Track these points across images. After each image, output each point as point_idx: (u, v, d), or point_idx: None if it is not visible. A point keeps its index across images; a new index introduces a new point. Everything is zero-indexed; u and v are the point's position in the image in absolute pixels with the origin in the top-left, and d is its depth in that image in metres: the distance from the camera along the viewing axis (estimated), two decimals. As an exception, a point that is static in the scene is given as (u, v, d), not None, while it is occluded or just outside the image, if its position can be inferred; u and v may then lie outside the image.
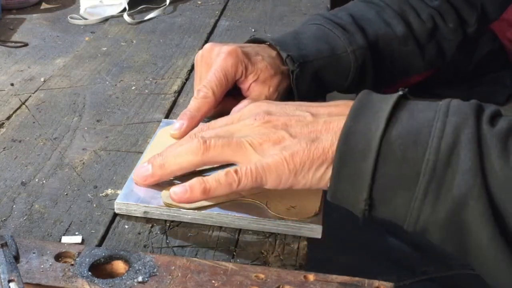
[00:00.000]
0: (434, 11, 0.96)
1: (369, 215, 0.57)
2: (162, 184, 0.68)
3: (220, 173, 0.61)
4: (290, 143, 0.60)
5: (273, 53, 0.85)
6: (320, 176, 0.59)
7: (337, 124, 0.59)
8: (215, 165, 0.67)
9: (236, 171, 0.60)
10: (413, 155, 0.54)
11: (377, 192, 0.56)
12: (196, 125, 0.78)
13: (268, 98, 0.82)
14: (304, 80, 0.85)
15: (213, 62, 0.81)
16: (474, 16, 0.98)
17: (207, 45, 0.84)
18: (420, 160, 0.54)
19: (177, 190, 0.63)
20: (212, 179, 0.62)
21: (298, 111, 0.63)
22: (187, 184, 0.63)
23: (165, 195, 0.67)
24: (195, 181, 0.62)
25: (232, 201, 0.67)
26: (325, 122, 0.60)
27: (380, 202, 0.56)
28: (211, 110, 0.79)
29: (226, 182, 0.61)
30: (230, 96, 0.83)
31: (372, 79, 0.92)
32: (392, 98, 0.58)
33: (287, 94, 0.85)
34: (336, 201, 0.59)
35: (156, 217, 0.66)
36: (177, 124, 0.77)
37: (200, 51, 0.85)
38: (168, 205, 0.65)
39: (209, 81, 0.79)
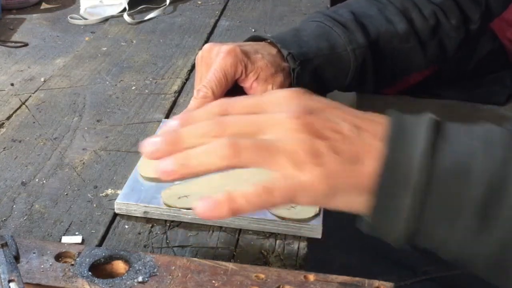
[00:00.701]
0: (437, 8, 0.95)
1: (407, 243, 0.55)
2: (163, 185, 0.68)
3: (250, 191, 0.55)
4: (330, 160, 0.55)
5: (273, 50, 0.85)
6: (356, 202, 0.56)
7: (379, 149, 0.55)
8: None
9: (268, 190, 0.54)
10: (458, 188, 0.53)
11: (419, 225, 0.54)
12: None
13: None
14: (304, 79, 0.84)
15: (212, 62, 0.81)
16: (478, 13, 0.98)
17: (207, 45, 0.84)
18: (466, 193, 0.52)
19: (201, 206, 0.55)
20: (241, 198, 0.55)
21: (339, 119, 0.57)
22: (212, 200, 0.55)
23: (165, 195, 0.67)
24: (222, 198, 0.55)
25: None
26: (367, 143, 0.56)
27: (421, 234, 0.54)
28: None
29: (257, 203, 0.54)
30: (230, 97, 0.83)
31: (373, 78, 0.92)
32: (425, 123, 0.56)
33: None
34: (370, 230, 0.56)
35: (156, 217, 0.66)
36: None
37: (200, 52, 0.84)
38: (168, 205, 0.65)
39: (208, 80, 0.79)
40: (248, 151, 0.54)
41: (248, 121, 0.57)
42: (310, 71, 0.85)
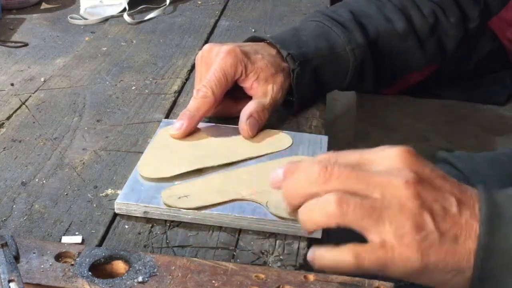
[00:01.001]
0: (435, 6, 0.95)
1: None
2: (163, 185, 0.68)
3: (346, 252, 0.54)
4: (431, 237, 0.54)
5: (273, 51, 0.85)
6: (448, 280, 0.55)
7: (475, 229, 0.55)
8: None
9: (359, 254, 0.54)
10: None
11: None
12: (196, 125, 0.78)
13: (273, 97, 0.81)
14: (304, 79, 0.84)
15: (212, 62, 0.81)
16: (477, 11, 0.97)
17: (207, 46, 0.84)
18: None
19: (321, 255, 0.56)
20: (335, 259, 0.55)
21: (444, 191, 0.56)
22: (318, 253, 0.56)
23: (165, 195, 0.67)
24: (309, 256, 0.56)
25: (232, 201, 0.67)
26: (467, 221, 0.55)
27: None
28: (210, 109, 0.79)
29: (345, 268, 0.54)
30: (230, 97, 0.83)
31: (372, 77, 0.92)
32: None
33: (287, 93, 0.85)
34: None
35: (156, 217, 0.66)
36: (177, 124, 0.77)
37: (200, 52, 0.84)
38: (168, 205, 0.65)
39: (208, 80, 0.79)
40: (355, 212, 0.54)
41: (356, 176, 0.56)
42: (309, 71, 0.85)
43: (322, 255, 0.56)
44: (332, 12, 0.93)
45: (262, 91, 0.81)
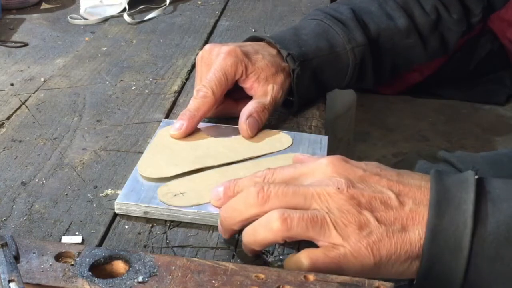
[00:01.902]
0: (438, 2, 0.94)
1: None
2: (162, 185, 0.68)
3: (302, 258, 0.56)
4: (376, 231, 0.56)
5: (273, 51, 0.85)
6: (404, 270, 0.57)
7: (423, 215, 0.56)
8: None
9: (313, 259, 0.55)
10: (507, 251, 0.53)
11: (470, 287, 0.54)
12: (196, 125, 0.78)
13: (274, 96, 0.81)
14: (304, 79, 0.84)
15: (212, 62, 0.81)
16: (480, 6, 0.97)
17: (207, 46, 0.84)
18: None
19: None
20: (294, 266, 0.57)
21: (380, 187, 0.58)
22: None
23: (161, 192, 0.67)
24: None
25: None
26: (410, 210, 0.57)
27: None
28: (210, 109, 0.79)
29: (308, 269, 0.56)
30: (230, 98, 0.83)
31: (372, 75, 0.92)
32: (469, 184, 0.56)
33: (288, 92, 0.85)
34: None
35: (156, 217, 0.66)
36: (177, 124, 0.77)
37: (200, 52, 0.84)
38: (164, 203, 0.65)
39: (208, 80, 0.79)
40: (299, 224, 0.56)
41: (292, 192, 0.58)
42: (309, 71, 0.85)
43: (286, 263, 0.58)
44: (333, 10, 0.92)
45: (262, 91, 0.81)
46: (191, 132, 0.79)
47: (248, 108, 0.79)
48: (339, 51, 0.87)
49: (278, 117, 0.86)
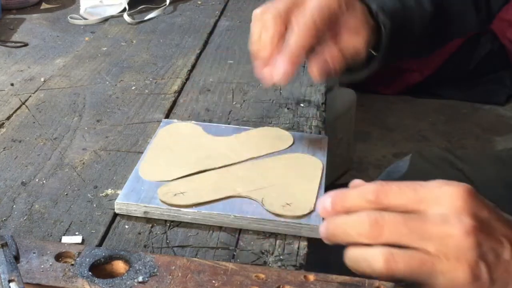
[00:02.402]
0: None
1: None
2: (161, 183, 0.68)
3: None
4: (484, 286, 0.52)
5: (363, 7, 0.77)
6: None
7: None
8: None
9: None
10: None
11: None
12: (299, 64, 0.71)
13: (358, 49, 0.74)
14: (393, 37, 0.77)
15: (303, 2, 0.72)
16: None
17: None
18: None
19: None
20: None
21: (500, 237, 0.54)
22: None
23: (162, 192, 0.67)
24: None
25: (229, 197, 0.67)
26: None
27: None
28: (312, 47, 0.71)
29: None
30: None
31: (429, 43, 0.88)
32: None
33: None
34: None
35: (156, 217, 0.66)
36: (281, 66, 0.69)
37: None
38: (164, 202, 0.65)
39: (312, 13, 0.69)
40: (404, 269, 0.52)
41: (409, 228, 0.53)
42: (393, 29, 0.77)
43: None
44: None
45: (348, 40, 0.74)
46: (191, 133, 0.79)
47: (326, 52, 0.72)
48: (409, 14, 0.82)
49: (278, 117, 0.86)
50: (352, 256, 0.54)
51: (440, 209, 0.54)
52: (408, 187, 0.55)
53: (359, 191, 0.56)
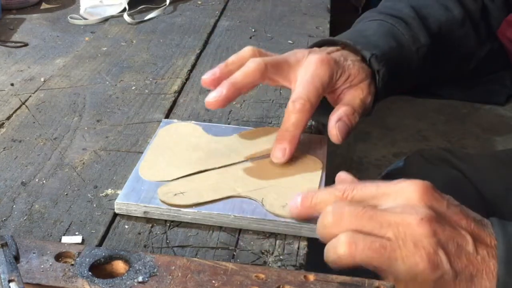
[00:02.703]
0: None
1: None
2: (161, 183, 0.68)
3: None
4: (446, 276, 0.54)
5: (355, 56, 0.79)
6: None
7: (493, 269, 0.54)
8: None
9: None
10: None
11: None
12: (297, 145, 0.73)
13: (364, 100, 0.76)
14: (389, 81, 0.79)
15: (300, 69, 0.74)
16: None
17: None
18: None
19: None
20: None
21: (462, 230, 0.56)
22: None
23: (162, 192, 0.67)
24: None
25: (229, 197, 0.67)
26: (483, 260, 0.55)
27: None
28: (308, 122, 0.73)
29: None
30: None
31: (430, 75, 0.89)
32: None
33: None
34: None
35: (156, 217, 0.66)
36: (279, 149, 0.72)
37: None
38: (164, 202, 0.65)
39: (306, 91, 0.71)
40: (364, 253, 0.54)
41: (368, 216, 0.56)
42: (388, 72, 0.79)
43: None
44: (390, 8, 0.88)
45: (351, 95, 0.76)
46: (192, 133, 0.79)
47: (338, 112, 0.74)
48: (406, 51, 0.83)
49: (278, 117, 0.86)
50: (325, 249, 0.57)
51: (397, 201, 0.57)
52: (371, 184, 0.59)
53: (329, 189, 0.61)
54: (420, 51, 0.85)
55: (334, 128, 0.73)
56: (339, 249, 0.55)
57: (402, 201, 0.57)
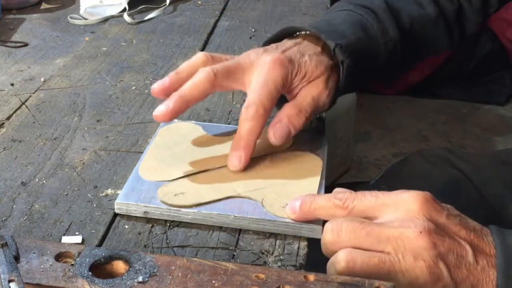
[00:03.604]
0: None
1: None
2: (161, 183, 0.68)
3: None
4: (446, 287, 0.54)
5: (317, 47, 0.77)
6: None
7: (493, 279, 0.55)
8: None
9: None
10: None
11: None
12: (253, 151, 0.71)
13: (316, 97, 0.74)
14: (350, 72, 0.77)
15: (254, 72, 0.73)
16: None
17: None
18: None
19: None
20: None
21: (461, 240, 0.56)
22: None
23: (162, 192, 0.67)
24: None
25: (229, 197, 0.67)
26: (483, 269, 0.55)
27: None
28: (262, 128, 0.71)
29: None
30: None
31: (397, 69, 0.88)
32: None
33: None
34: None
35: (156, 217, 0.66)
36: (235, 157, 0.70)
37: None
38: (164, 203, 0.65)
39: (258, 95, 0.70)
40: (363, 269, 0.54)
41: (366, 232, 0.56)
42: (353, 63, 0.77)
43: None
44: (363, 0, 0.87)
45: (304, 92, 0.74)
46: (191, 133, 0.79)
47: (280, 113, 0.72)
48: (374, 43, 0.82)
49: (278, 117, 0.86)
50: (327, 265, 0.58)
51: (397, 213, 0.57)
52: (371, 194, 0.59)
53: (328, 196, 0.61)
54: (388, 44, 0.83)
55: (272, 130, 0.72)
56: (338, 267, 0.56)
57: (401, 212, 0.57)
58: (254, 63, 0.73)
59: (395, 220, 0.57)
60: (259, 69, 0.72)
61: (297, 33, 0.81)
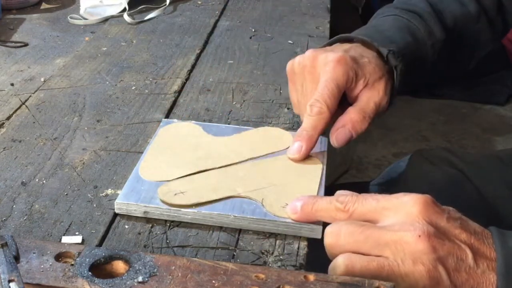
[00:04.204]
0: None
1: None
2: (161, 183, 0.68)
3: None
4: None
5: (373, 52, 0.78)
6: None
7: (493, 282, 0.55)
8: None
9: None
10: None
11: None
12: (314, 145, 0.73)
13: (378, 103, 0.76)
14: (403, 76, 0.78)
15: (319, 72, 0.75)
16: None
17: (309, 54, 0.77)
18: None
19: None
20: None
21: (461, 243, 0.56)
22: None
23: (162, 191, 0.67)
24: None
25: (229, 197, 0.67)
26: (482, 273, 0.55)
27: None
28: (327, 125, 0.73)
29: None
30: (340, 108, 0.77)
31: (444, 69, 0.89)
32: None
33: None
34: None
35: (156, 217, 0.66)
36: (295, 146, 0.72)
37: (300, 60, 0.78)
38: (164, 202, 0.65)
39: (321, 94, 0.72)
40: (362, 274, 0.54)
41: (365, 236, 0.56)
42: (405, 67, 0.78)
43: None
44: (406, 3, 0.88)
45: (367, 97, 0.75)
46: (192, 133, 0.79)
47: (344, 118, 0.74)
48: (421, 46, 0.83)
49: (278, 117, 0.86)
50: (328, 269, 0.58)
51: (397, 217, 0.56)
52: (372, 198, 0.59)
53: (330, 199, 0.60)
54: (435, 46, 0.85)
55: (334, 134, 0.74)
56: (337, 271, 0.56)
57: (402, 215, 0.57)
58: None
59: (396, 224, 0.56)
60: (324, 67, 0.74)
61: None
